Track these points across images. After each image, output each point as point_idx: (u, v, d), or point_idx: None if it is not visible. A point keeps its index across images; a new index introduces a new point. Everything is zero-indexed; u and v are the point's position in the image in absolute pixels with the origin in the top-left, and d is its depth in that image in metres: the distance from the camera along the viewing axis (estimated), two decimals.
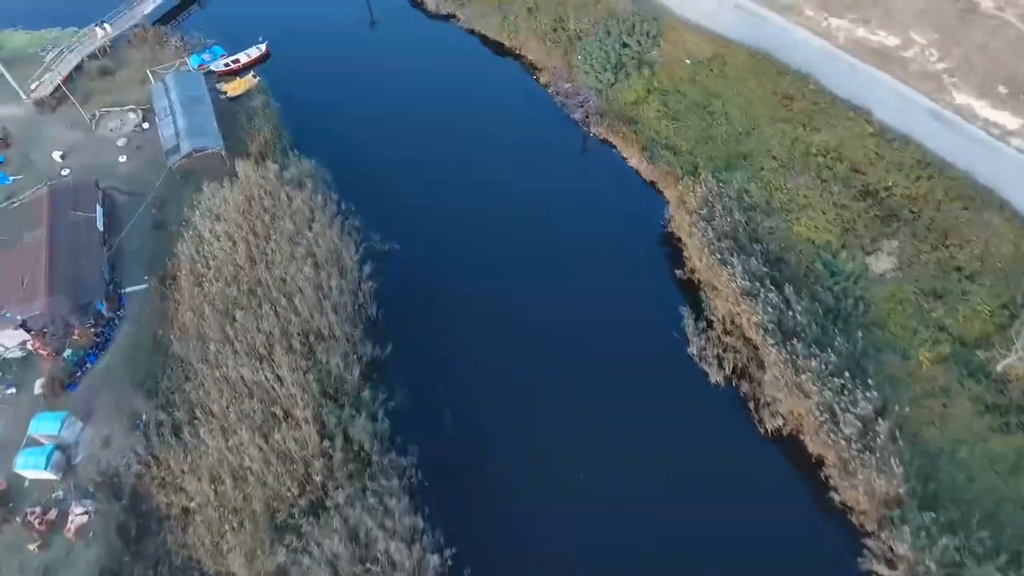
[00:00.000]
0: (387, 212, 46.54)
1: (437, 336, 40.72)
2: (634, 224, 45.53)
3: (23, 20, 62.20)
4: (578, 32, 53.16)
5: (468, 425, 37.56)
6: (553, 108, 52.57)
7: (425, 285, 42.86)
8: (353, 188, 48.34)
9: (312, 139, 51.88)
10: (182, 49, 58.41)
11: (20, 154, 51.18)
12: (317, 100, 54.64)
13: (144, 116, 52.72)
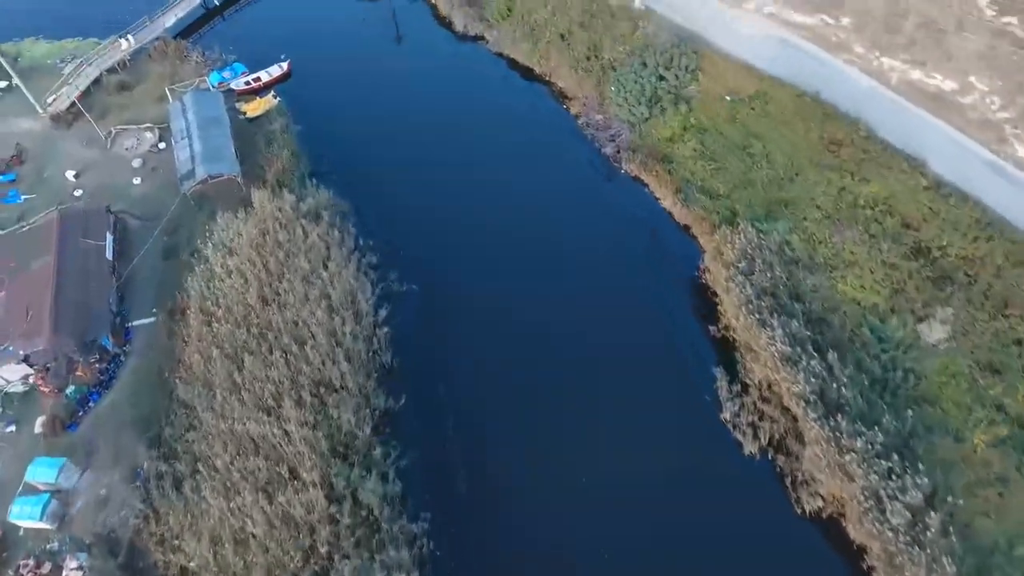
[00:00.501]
0: (406, 247, 44.65)
1: (455, 386, 38.68)
2: (665, 271, 43.02)
3: (45, 29, 61.22)
4: (612, 62, 50.73)
5: (484, 488, 35.41)
6: (583, 140, 50.22)
7: (443, 329, 40.80)
8: (372, 219, 46.61)
9: (331, 164, 50.29)
10: (202, 65, 56.92)
11: (34, 171, 49.91)
12: (338, 122, 52.79)
13: (161, 135, 51.28)
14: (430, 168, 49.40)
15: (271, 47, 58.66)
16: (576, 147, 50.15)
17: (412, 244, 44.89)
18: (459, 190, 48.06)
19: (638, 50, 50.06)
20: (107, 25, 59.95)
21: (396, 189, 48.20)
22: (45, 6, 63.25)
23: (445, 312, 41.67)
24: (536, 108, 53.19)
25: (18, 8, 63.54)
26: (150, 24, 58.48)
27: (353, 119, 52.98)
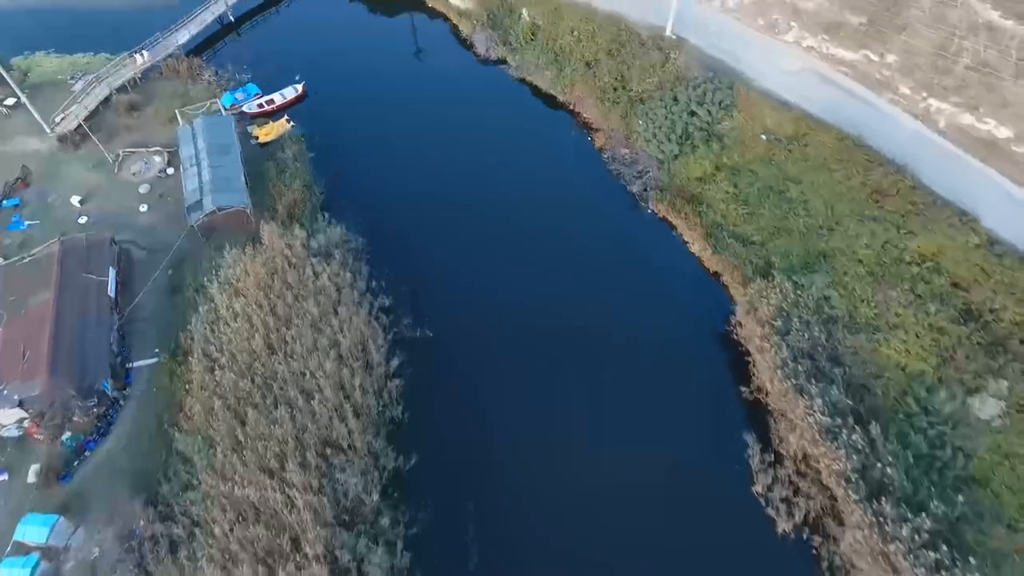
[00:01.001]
0: (421, 286, 42.63)
1: (470, 443, 36.39)
2: (693, 322, 40.65)
3: (57, 43, 59.57)
4: (641, 94, 48.34)
5: (499, 560, 33.31)
6: (608, 176, 47.91)
7: (458, 379, 38.62)
8: (386, 255, 44.36)
9: (345, 193, 48.16)
10: (215, 85, 55.14)
11: (39, 196, 48.27)
12: (353, 148, 50.78)
13: (169, 159, 49.56)
14: (447, 200, 47.33)
15: (286, 66, 56.79)
16: (600, 182, 47.88)
17: (427, 283, 42.75)
18: (477, 224, 45.91)
19: (669, 83, 47.66)
20: (119, 41, 58.45)
21: (412, 222, 46.13)
22: (58, 20, 61.45)
23: (460, 359, 39.51)
24: (559, 139, 50.90)
25: (30, 22, 61.86)
26: (163, 41, 56.81)
27: (369, 145, 51.00)
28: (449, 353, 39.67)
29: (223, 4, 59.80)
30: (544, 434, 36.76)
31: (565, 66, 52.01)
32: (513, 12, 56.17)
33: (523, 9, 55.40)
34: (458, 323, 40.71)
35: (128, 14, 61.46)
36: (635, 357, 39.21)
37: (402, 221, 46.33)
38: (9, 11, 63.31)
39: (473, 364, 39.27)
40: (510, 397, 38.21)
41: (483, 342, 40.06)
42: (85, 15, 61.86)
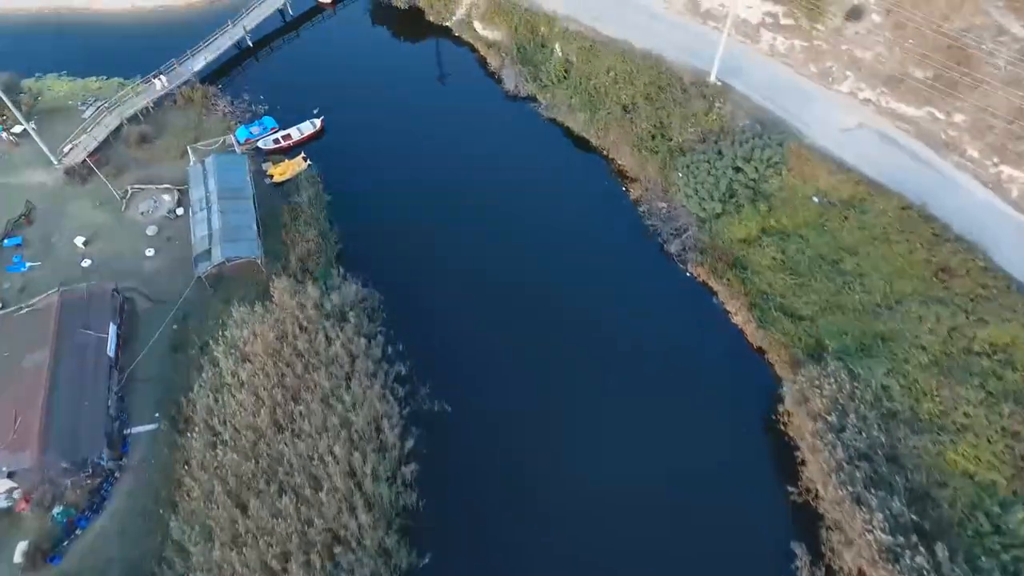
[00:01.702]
0: (440, 348, 39.62)
1: (493, 536, 33.57)
2: (735, 405, 37.32)
3: (70, 64, 57.11)
4: (681, 145, 45.04)
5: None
6: (643, 231, 44.71)
7: (478, 458, 35.70)
8: (403, 310, 41.48)
9: (362, 240, 45.29)
10: (230, 117, 52.56)
11: (42, 235, 45.92)
12: (372, 191, 47.69)
13: (179, 199, 47.07)
14: (470, 251, 44.35)
15: (304, 96, 54.07)
16: (635, 238, 44.69)
17: (447, 345, 39.85)
18: (501, 278, 42.87)
19: (713, 134, 44.29)
20: (133, 65, 55.92)
21: (433, 274, 43.16)
22: (71, 41, 58.95)
23: (481, 437, 36.47)
24: (591, 187, 47.67)
25: (43, 42, 59.32)
26: (178, 67, 54.35)
27: (389, 186, 47.98)
28: (469, 430, 36.62)
29: (240, 29, 57.16)
30: (572, 528, 33.79)
31: (599, 108, 48.79)
32: (545, 47, 53.02)
33: (556, 44, 52.22)
34: (480, 394, 37.70)
35: (142, 38, 58.98)
36: (669, 442, 35.97)
37: (422, 273, 43.43)
38: (23, 31, 61.11)
39: (495, 443, 36.26)
40: (535, 481, 35.24)
41: (506, 417, 37.01)
42: (99, 37, 59.39)
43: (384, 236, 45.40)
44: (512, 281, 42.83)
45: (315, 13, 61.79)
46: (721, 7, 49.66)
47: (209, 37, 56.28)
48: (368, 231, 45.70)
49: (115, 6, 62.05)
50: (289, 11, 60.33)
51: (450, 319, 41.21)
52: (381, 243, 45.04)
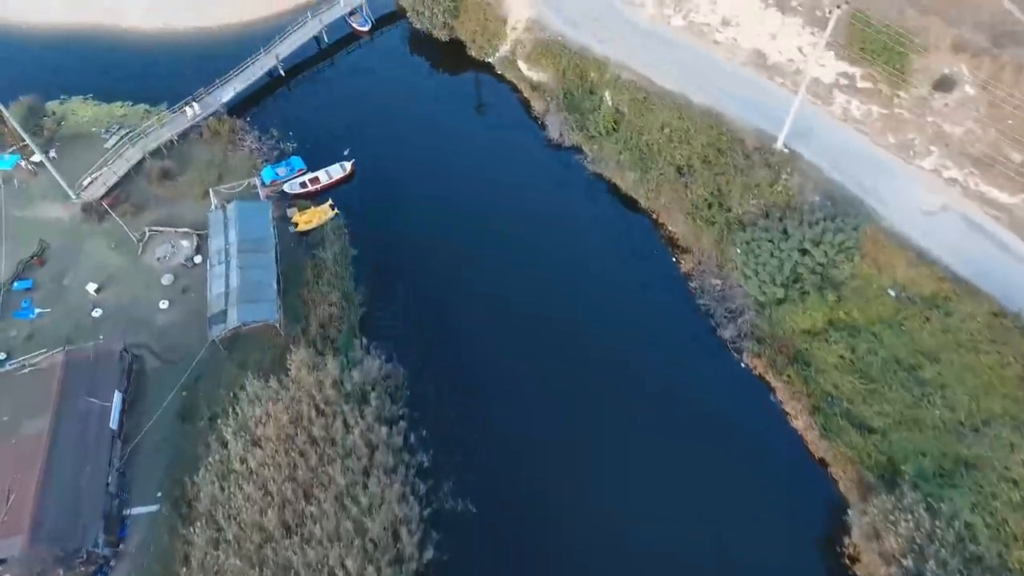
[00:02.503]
0: (469, 434, 36.35)
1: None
2: (790, 524, 33.22)
3: (95, 87, 54.58)
4: (741, 217, 41.09)
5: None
6: (694, 310, 40.86)
7: (505, 569, 32.61)
8: (429, 387, 38.32)
9: (387, 302, 42.17)
10: (256, 154, 49.75)
11: (54, 277, 43.52)
12: (400, 242, 44.50)
13: (198, 245, 44.42)
14: (505, 319, 40.89)
15: (335, 132, 51.15)
16: (684, 317, 40.82)
17: (477, 430, 36.53)
18: (538, 355, 39.36)
19: (777, 209, 40.22)
20: (160, 90, 53.56)
21: (463, 345, 39.95)
22: (99, 60, 56.82)
23: (509, 541, 33.24)
24: (638, 254, 43.82)
25: (72, 60, 57.08)
26: (206, 97, 51.72)
27: (418, 241, 44.58)
28: (496, 533, 33.34)
29: (273, 58, 54.33)
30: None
31: (651, 168, 44.96)
32: (594, 94, 49.30)
33: (605, 92, 48.50)
34: (510, 491, 34.36)
35: (172, 60, 56.49)
36: (718, 558, 32.31)
37: (450, 340, 40.22)
38: (52, 46, 59.02)
39: (524, 549, 32.99)
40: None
41: (538, 520, 33.72)
42: (128, 58, 56.89)
43: (412, 297, 42.37)
44: (549, 358, 39.31)
45: (351, 41, 58.77)
46: (790, 62, 45.55)
47: (240, 65, 53.60)
48: (395, 291, 42.64)
49: (147, 25, 59.70)
50: (324, 39, 57.54)
51: (481, 396, 37.90)
52: (408, 305, 42.01)
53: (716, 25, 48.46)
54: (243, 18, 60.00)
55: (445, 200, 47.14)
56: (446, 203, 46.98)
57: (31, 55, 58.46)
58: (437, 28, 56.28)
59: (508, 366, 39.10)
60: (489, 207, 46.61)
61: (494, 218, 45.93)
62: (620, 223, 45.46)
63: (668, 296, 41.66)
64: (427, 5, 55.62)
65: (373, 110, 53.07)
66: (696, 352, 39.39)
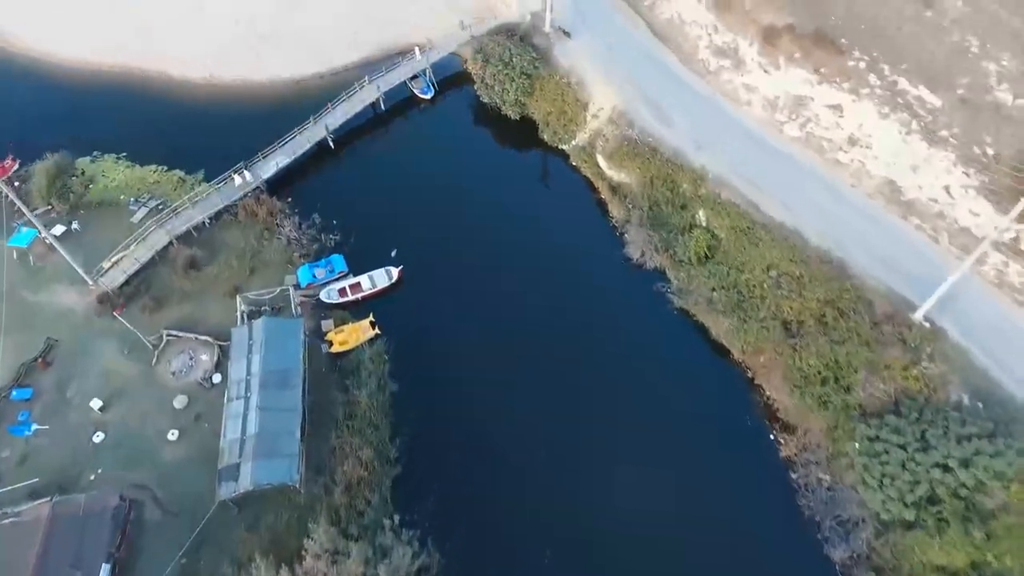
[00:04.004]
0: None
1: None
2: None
3: (130, 145, 49.44)
4: (863, 404, 33.53)
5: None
6: (794, 511, 33.28)
7: None
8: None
9: (430, 458, 35.69)
10: (295, 245, 43.97)
11: (57, 384, 38.50)
12: (449, 373, 38.06)
13: (218, 360, 39.04)
14: (568, 491, 34.18)
15: (383, 222, 45.00)
16: (782, 517, 33.33)
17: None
18: (608, 532, 32.86)
19: (914, 403, 32.68)
20: (199, 153, 48.73)
21: (516, 526, 33.50)
22: (138, 111, 51.62)
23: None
24: (728, 420, 36.58)
25: (110, 106, 52.21)
26: (245, 171, 46.25)
27: (472, 377, 37.91)
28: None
29: (322, 128, 48.57)
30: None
31: (751, 316, 37.63)
32: (686, 209, 42.14)
33: (700, 211, 41.35)
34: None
35: (214, 118, 51.24)
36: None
37: (507, 523, 33.62)
38: (91, 90, 54.46)
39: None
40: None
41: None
42: (168, 111, 51.55)
43: (459, 453, 35.68)
44: (621, 536, 32.71)
45: (410, 106, 52.74)
46: (932, 203, 37.67)
47: (286, 136, 48.01)
48: (439, 444, 36.08)
49: (191, 74, 54.60)
50: (382, 106, 51.74)
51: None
52: (454, 465, 35.39)
53: (840, 142, 40.85)
54: (295, 73, 54.50)
55: (506, 323, 40.48)
56: (507, 327, 40.34)
57: (71, 95, 54.07)
58: (507, 105, 49.81)
59: (578, 543, 32.54)
60: (557, 337, 39.71)
61: (562, 352, 39.10)
62: (707, 377, 38.25)
63: (763, 486, 34.31)
64: (498, 79, 49.28)
65: (429, 197, 46.70)
66: (798, 564, 32.13)
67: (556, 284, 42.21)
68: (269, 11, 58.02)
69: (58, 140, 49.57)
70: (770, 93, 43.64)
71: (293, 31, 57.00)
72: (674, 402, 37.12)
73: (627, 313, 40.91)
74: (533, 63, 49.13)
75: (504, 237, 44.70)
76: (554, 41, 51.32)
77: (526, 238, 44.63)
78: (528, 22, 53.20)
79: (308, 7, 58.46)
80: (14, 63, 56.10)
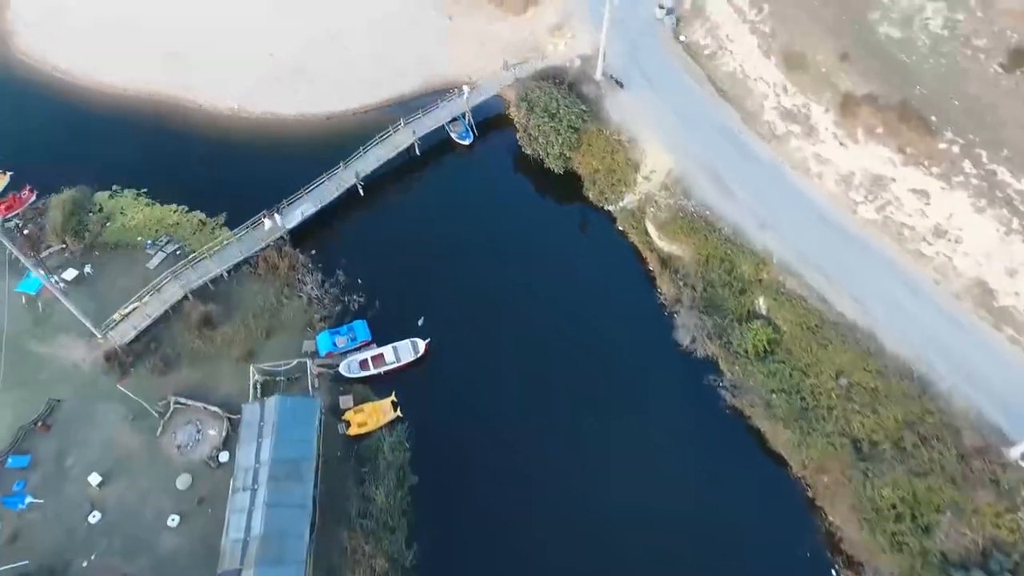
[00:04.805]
0: None
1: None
2: None
3: (152, 179, 47.27)
4: (946, 551, 28.99)
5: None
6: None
7: None
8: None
9: (451, 566, 32.35)
10: (316, 305, 40.93)
11: (56, 453, 35.73)
12: (477, 465, 34.70)
13: (227, 436, 36.16)
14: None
15: (412, 283, 41.63)
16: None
17: None
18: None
19: (1008, 557, 28.40)
20: (222, 194, 45.99)
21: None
22: (163, 142, 49.02)
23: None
24: (782, 544, 32.09)
25: (135, 134, 49.59)
26: (266, 221, 43.22)
27: (501, 471, 34.39)
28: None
29: (352, 175, 45.41)
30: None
31: (816, 429, 33.42)
32: (744, 295, 38.08)
33: (760, 298, 37.42)
34: None
35: (240, 154, 48.47)
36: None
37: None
38: (119, 115, 51.90)
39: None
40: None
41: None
42: (194, 144, 49.02)
43: (485, 556, 32.35)
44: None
45: (446, 151, 49.44)
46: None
47: (314, 182, 44.91)
48: (464, 555, 32.87)
49: (220, 104, 51.96)
50: (416, 151, 48.47)
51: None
52: (477, 572, 32.39)
53: (924, 232, 36.51)
54: (327, 108, 51.71)
55: (542, 409, 36.61)
56: (543, 414, 36.50)
57: (94, 120, 51.77)
58: (551, 158, 46.20)
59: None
60: (597, 430, 35.74)
61: (601, 446, 35.27)
62: (761, 491, 33.94)
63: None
64: (542, 131, 45.69)
65: (462, 255, 43.14)
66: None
67: (598, 366, 38.40)
68: (305, 44, 55.42)
69: (80, 168, 47.58)
70: (845, 168, 39.40)
71: (328, 65, 54.24)
72: (722, 515, 33.09)
73: (673, 407, 36.85)
74: (581, 116, 45.42)
75: (542, 308, 40.94)
76: (605, 91, 47.62)
77: (566, 309, 40.87)
78: (577, 67, 49.58)
79: (346, 41, 55.65)
80: (45, 84, 54.28)
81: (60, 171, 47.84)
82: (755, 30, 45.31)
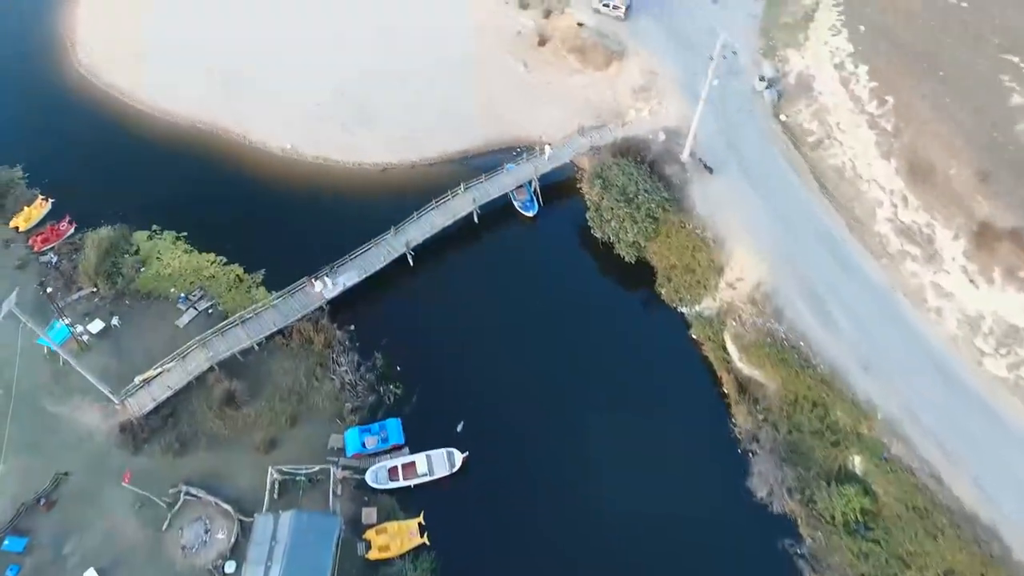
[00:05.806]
0: None
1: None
2: None
3: (197, 217, 44.50)
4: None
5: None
6: None
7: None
8: None
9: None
10: (348, 393, 37.12)
11: (55, 537, 32.70)
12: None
13: (236, 541, 32.60)
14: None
15: (457, 376, 37.58)
16: None
17: None
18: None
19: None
20: (262, 247, 42.87)
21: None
22: (211, 180, 46.29)
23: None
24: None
25: (183, 167, 47.09)
26: (307, 288, 39.95)
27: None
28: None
29: (402, 243, 41.52)
30: None
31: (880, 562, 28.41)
32: (837, 447, 32.45)
33: (857, 457, 31.82)
34: None
35: (284, 203, 45.27)
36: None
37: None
38: (171, 144, 49.38)
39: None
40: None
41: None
42: (240, 185, 46.36)
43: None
44: None
45: (507, 220, 45.14)
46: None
47: (361, 247, 41.31)
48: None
49: (270, 143, 48.93)
50: (475, 219, 44.21)
51: None
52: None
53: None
54: (384, 159, 48.12)
55: (589, 551, 31.97)
56: (590, 556, 31.94)
57: (143, 147, 49.47)
58: (623, 245, 41.49)
59: None
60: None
61: None
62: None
63: None
64: (616, 215, 40.99)
65: (516, 346, 39.00)
66: None
67: (659, 505, 33.21)
68: (371, 81, 52.03)
69: (121, 199, 45.49)
70: (972, 308, 33.46)
71: (392, 107, 50.74)
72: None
73: (741, 568, 32.05)
74: (662, 205, 40.50)
75: (600, 422, 36.07)
76: (692, 175, 42.49)
77: (626, 426, 35.75)
78: (661, 142, 44.58)
79: (415, 83, 51.97)
80: (101, 102, 52.34)
81: (102, 202, 45.91)
82: (874, 124, 39.51)
